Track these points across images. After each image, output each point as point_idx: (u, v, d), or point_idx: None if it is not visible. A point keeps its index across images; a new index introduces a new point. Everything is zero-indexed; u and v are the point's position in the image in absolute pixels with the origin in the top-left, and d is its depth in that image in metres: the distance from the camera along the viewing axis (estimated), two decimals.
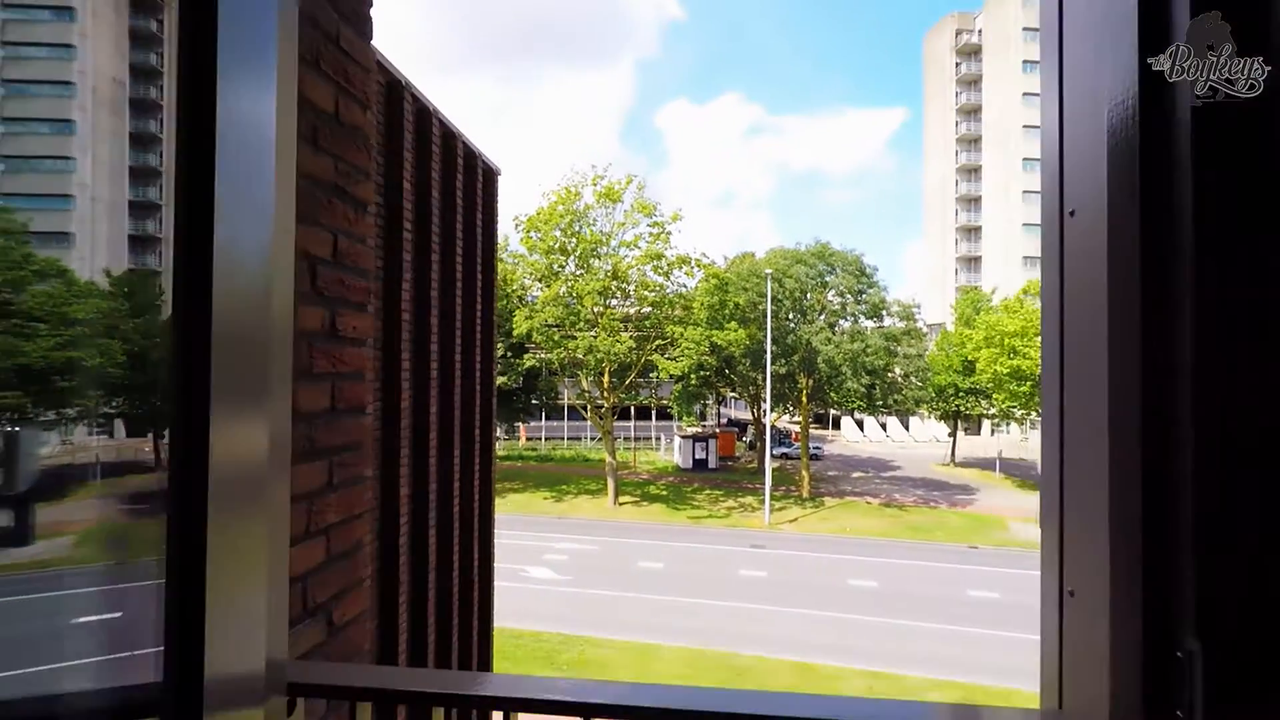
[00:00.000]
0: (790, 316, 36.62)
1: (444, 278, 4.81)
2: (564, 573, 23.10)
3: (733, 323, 33.81)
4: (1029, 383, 36.62)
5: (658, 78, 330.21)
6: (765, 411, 34.49)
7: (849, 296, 35.61)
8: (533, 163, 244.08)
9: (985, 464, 51.64)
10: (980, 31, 73.34)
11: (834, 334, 34.59)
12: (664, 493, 38.17)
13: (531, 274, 34.54)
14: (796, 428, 61.05)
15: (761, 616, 19.42)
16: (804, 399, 37.50)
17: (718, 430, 53.60)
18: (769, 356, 33.02)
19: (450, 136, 4.78)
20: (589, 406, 35.62)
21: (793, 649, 17.10)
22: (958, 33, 75.35)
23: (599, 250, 32.34)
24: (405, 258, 4.00)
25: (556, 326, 33.43)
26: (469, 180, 5.24)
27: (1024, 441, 63.87)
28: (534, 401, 41.39)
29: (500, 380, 35.48)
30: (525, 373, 37.65)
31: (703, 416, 59.42)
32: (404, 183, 3.98)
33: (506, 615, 18.83)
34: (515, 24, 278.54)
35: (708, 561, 24.90)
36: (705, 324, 33.82)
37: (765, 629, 18.47)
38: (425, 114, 4.29)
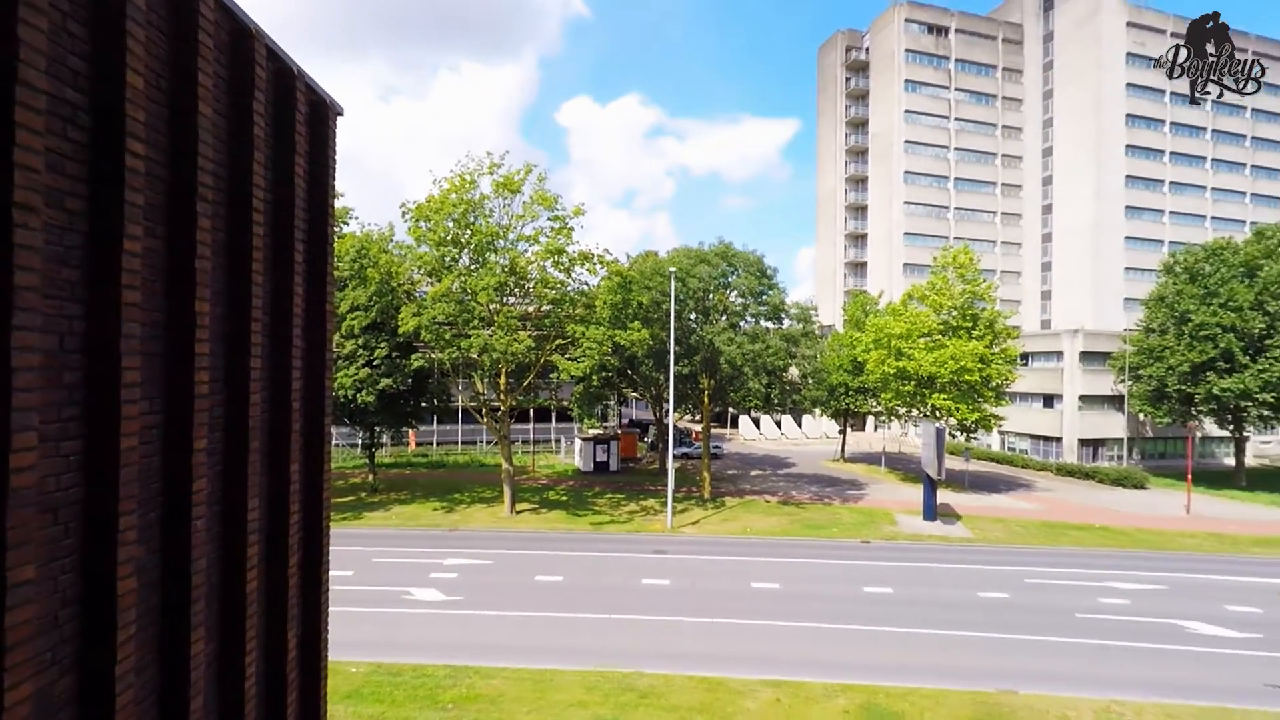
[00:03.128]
0: (693, 316, 36.34)
1: (231, 243, 3.25)
2: (453, 593, 21.11)
3: (636, 322, 32.94)
4: (913, 382, 38.64)
5: (561, 74, 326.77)
6: (669, 412, 33.92)
7: (750, 297, 35.83)
8: (426, 152, 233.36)
9: (871, 459, 54.50)
10: (868, 49, 77.70)
11: (735, 334, 34.63)
12: (564, 498, 36.70)
13: (420, 267, 31.86)
14: (697, 427, 61.56)
15: (666, 629, 18.56)
16: (706, 399, 37.39)
17: (619, 432, 52.77)
18: (673, 356, 32.44)
19: (243, 34, 3.22)
20: (484, 409, 33.40)
21: (699, 663, 16.33)
22: (847, 49, 79.45)
23: (495, 243, 30.30)
24: (132, 201, 2.44)
25: (448, 324, 31.00)
26: (281, 105, 3.69)
27: (904, 437, 68.36)
28: (424, 405, 38.40)
29: (385, 383, 32.51)
30: (414, 374, 34.76)
31: (604, 418, 58.39)
32: (128, 74, 2.41)
33: (385, 648, 16.72)
34: (410, 4, 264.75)
35: (610, 571, 23.79)
36: (608, 323, 32.69)
37: (670, 642, 17.61)
38: None
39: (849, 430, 57.10)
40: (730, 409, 67.83)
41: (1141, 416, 49.29)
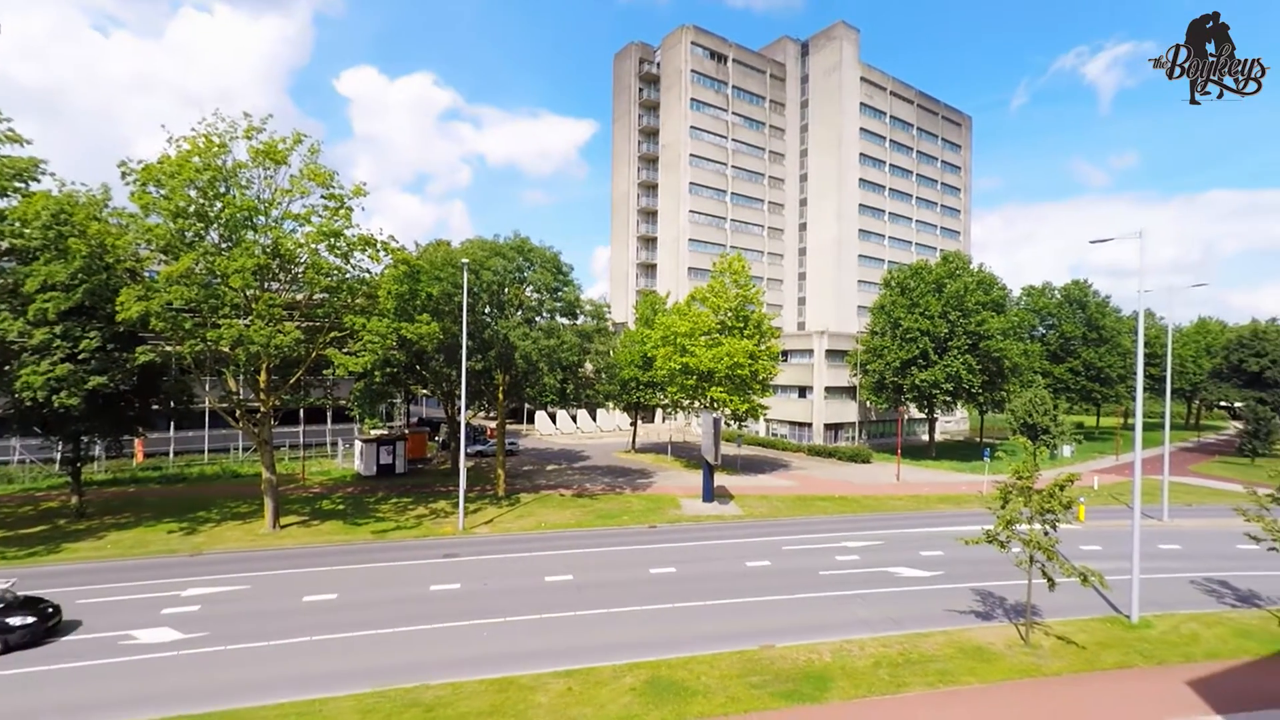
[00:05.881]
0: (487, 311, 35.34)
1: None
2: (194, 629, 17.89)
3: (425, 315, 31.02)
4: (695, 377, 42.08)
5: (341, 37, 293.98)
6: (461, 409, 32.57)
7: (546, 293, 35.90)
8: (164, 105, 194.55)
9: (660, 449, 58.26)
10: (659, 64, 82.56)
11: (531, 329, 34.45)
12: (341, 507, 33.27)
13: (150, 241, 26.31)
14: (492, 424, 60.04)
15: (456, 635, 17.82)
16: (501, 395, 36.65)
17: (406, 431, 49.33)
18: (465, 351, 31.21)
19: None
20: (239, 411, 28.77)
21: (490, 665, 15.96)
22: (640, 61, 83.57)
23: (254, 220, 26.23)
24: None
25: (190, 311, 26.14)
26: None
27: (688, 427, 74.27)
28: (155, 407, 31.86)
29: (97, 381, 26.33)
30: (140, 370, 28.63)
31: (389, 417, 54.14)
32: None
33: (89, 710, 13.63)
34: None
35: (394, 582, 22.13)
36: (393, 315, 30.31)
37: (460, 649, 16.94)
38: None
39: (640, 422, 60.38)
40: (526, 404, 67.44)
41: (868, 404, 59.73)
